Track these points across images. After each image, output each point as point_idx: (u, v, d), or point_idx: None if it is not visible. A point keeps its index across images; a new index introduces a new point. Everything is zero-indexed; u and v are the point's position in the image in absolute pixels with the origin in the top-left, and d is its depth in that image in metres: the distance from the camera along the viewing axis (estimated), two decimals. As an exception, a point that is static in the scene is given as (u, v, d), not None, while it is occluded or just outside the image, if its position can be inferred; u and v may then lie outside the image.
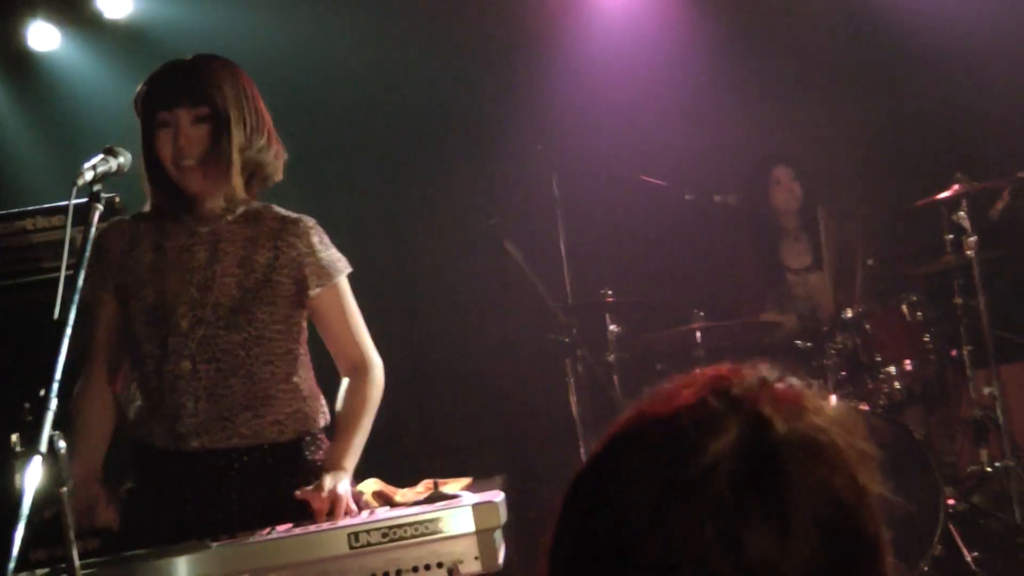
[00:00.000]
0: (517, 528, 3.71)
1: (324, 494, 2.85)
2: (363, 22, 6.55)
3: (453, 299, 6.64)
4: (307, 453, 3.12)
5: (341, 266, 3.18)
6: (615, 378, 5.62)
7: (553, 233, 5.90)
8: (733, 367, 1.10)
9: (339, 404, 3.17)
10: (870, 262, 5.74)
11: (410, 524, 2.59)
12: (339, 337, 3.18)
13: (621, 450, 1.05)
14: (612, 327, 5.64)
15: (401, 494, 3.44)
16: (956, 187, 5.52)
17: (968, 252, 5.50)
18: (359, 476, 3.13)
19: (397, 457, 5.30)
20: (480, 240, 5.90)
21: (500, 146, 6.55)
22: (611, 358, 5.63)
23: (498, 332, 6.49)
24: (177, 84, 3.04)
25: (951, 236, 5.62)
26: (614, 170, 6.23)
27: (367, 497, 3.34)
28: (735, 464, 0.99)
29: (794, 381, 1.10)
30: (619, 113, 6.49)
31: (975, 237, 5.48)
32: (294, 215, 3.16)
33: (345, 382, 3.20)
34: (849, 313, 5.49)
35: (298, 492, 2.90)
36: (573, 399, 5.63)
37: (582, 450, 5.50)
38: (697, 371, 1.10)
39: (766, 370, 1.10)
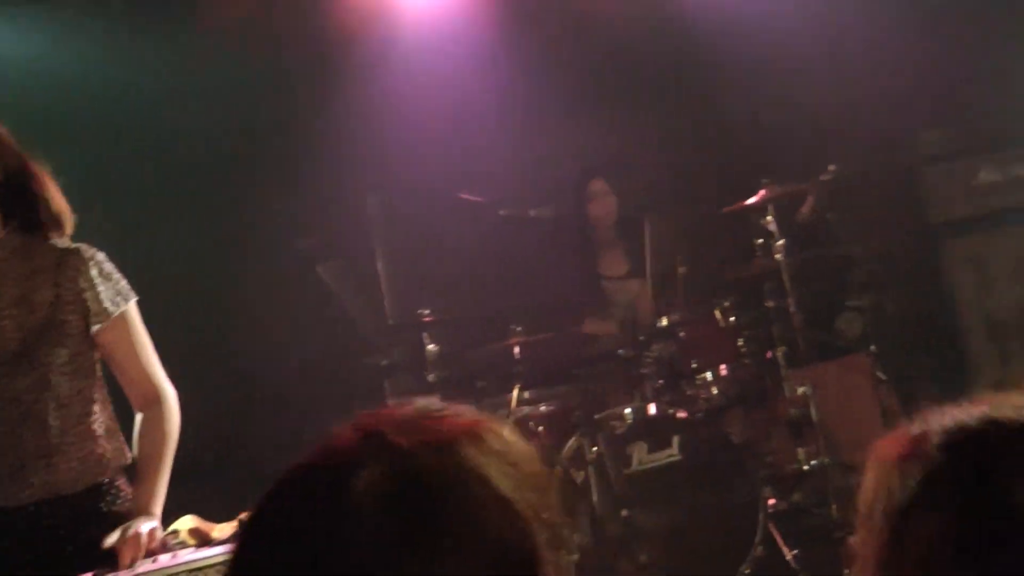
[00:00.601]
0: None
1: (131, 541, 2.80)
2: (170, 45, 6.45)
3: (270, 325, 6.58)
4: (108, 499, 3.04)
5: (125, 296, 3.08)
6: (436, 398, 5.63)
7: (370, 253, 5.92)
8: (392, 405, 1.19)
9: (136, 443, 3.10)
10: (682, 270, 5.88)
11: (221, 563, 2.56)
12: (128, 371, 3.10)
13: (279, 501, 1.11)
14: (431, 346, 5.66)
15: (219, 530, 3.39)
16: (763, 192, 5.71)
17: (777, 256, 5.69)
18: (177, 513, 3.08)
19: (215, 490, 5.22)
20: (294, 263, 5.87)
21: (314, 166, 6.53)
22: (431, 378, 5.66)
23: (317, 357, 6.46)
24: None
25: (760, 240, 5.83)
26: (431, 188, 6.32)
27: (183, 535, 3.29)
28: (377, 500, 1.05)
29: (459, 410, 1.17)
30: (434, 130, 6.55)
31: (783, 241, 5.67)
32: (72, 245, 3.05)
33: (139, 418, 3.13)
34: (664, 321, 5.68)
35: (105, 542, 2.83)
36: None
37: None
38: (359, 413, 1.17)
39: (424, 403, 1.17)
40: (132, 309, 3.10)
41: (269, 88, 6.65)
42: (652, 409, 5.49)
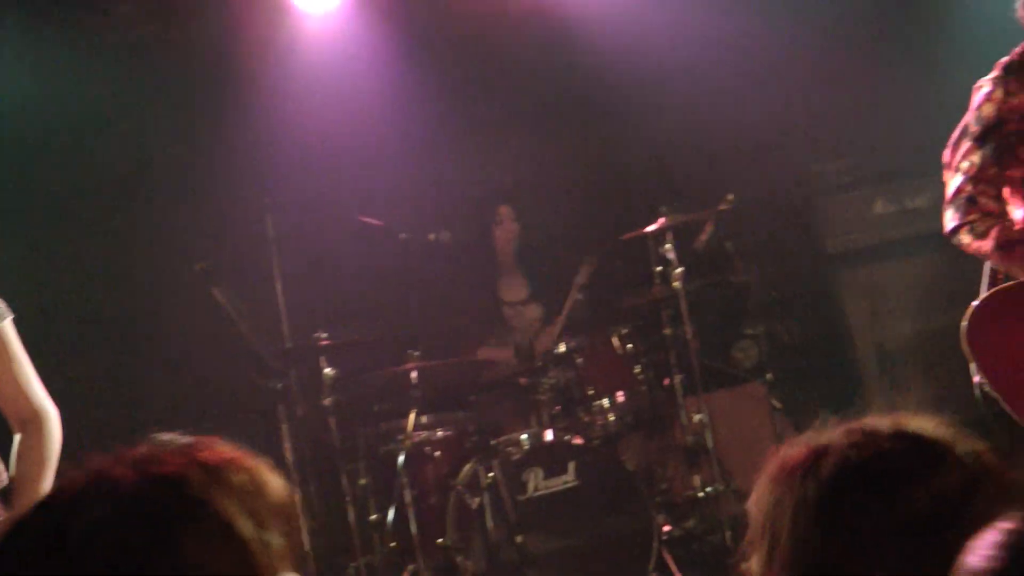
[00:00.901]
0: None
1: None
2: (65, 64, 6.36)
3: (164, 346, 6.53)
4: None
5: (0, 314, 3.05)
6: (331, 422, 5.64)
7: (269, 275, 5.89)
8: (142, 443, 1.24)
9: (13, 465, 3.06)
10: (580, 296, 5.93)
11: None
12: (3, 389, 3.05)
13: (8, 547, 1.16)
14: (327, 370, 5.65)
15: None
16: (662, 220, 5.80)
17: (675, 283, 5.77)
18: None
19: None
20: (189, 284, 5.83)
21: (211, 186, 6.51)
22: (327, 402, 5.64)
23: (211, 380, 6.41)
24: None
25: (659, 268, 5.90)
26: (330, 210, 6.31)
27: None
28: (98, 540, 1.10)
29: (209, 444, 1.26)
30: (335, 152, 6.55)
31: (681, 268, 5.76)
32: None
33: (17, 439, 3.09)
34: (562, 348, 5.74)
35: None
36: (287, 446, 5.64)
37: (297, 497, 5.52)
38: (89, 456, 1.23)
39: (167, 439, 1.26)
40: (8, 327, 3.05)
41: (166, 108, 6.60)
42: (548, 435, 5.55)
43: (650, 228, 5.83)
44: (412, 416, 5.52)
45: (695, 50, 6.47)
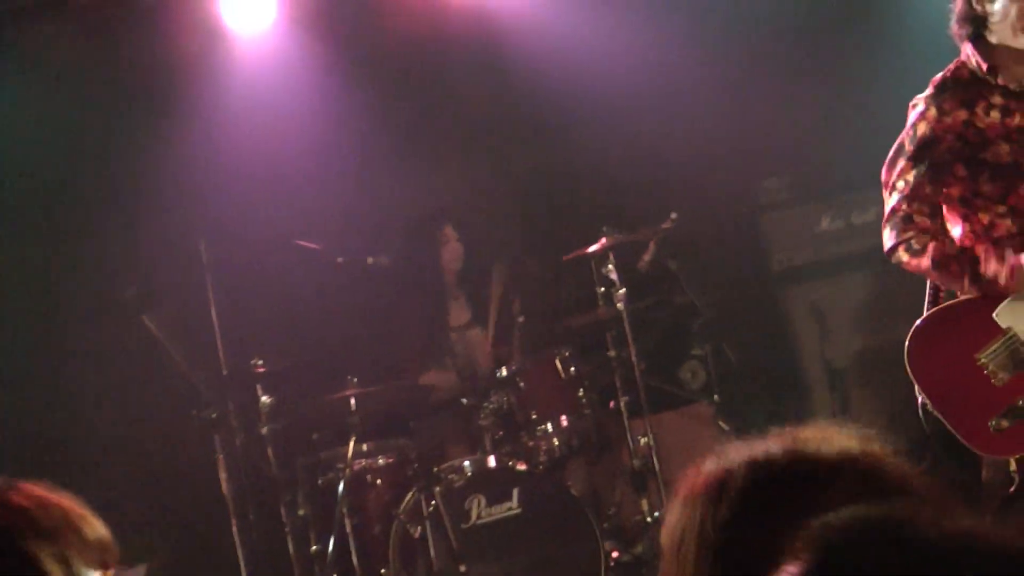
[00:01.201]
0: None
1: None
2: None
3: (97, 376, 6.44)
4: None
5: None
6: (269, 451, 5.58)
7: (203, 301, 5.80)
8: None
9: None
10: (522, 318, 5.96)
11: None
12: None
13: None
14: (264, 398, 5.58)
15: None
16: (604, 240, 5.80)
17: (619, 304, 5.78)
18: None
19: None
20: (121, 312, 5.76)
21: (142, 210, 6.44)
22: (264, 430, 5.58)
23: (144, 410, 6.33)
24: None
25: (602, 289, 5.90)
26: (266, 234, 6.24)
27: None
28: None
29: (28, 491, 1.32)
30: (270, 175, 6.50)
31: (624, 289, 5.77)
32: None
33: None
34: (504, 371, 5.74)
35: None
36: (223, 476, 5.56)
37: (234, 529, 5.46)
38: None
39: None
40: None
41: (96, 130, 6.53)
42: (491, 461, 5.55)
43: (592, 248, 5.83)
44: (352, 444, 5.45)
45: (638, 67, 6.47)
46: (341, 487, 5.38)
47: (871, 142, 4.27)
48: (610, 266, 5.81)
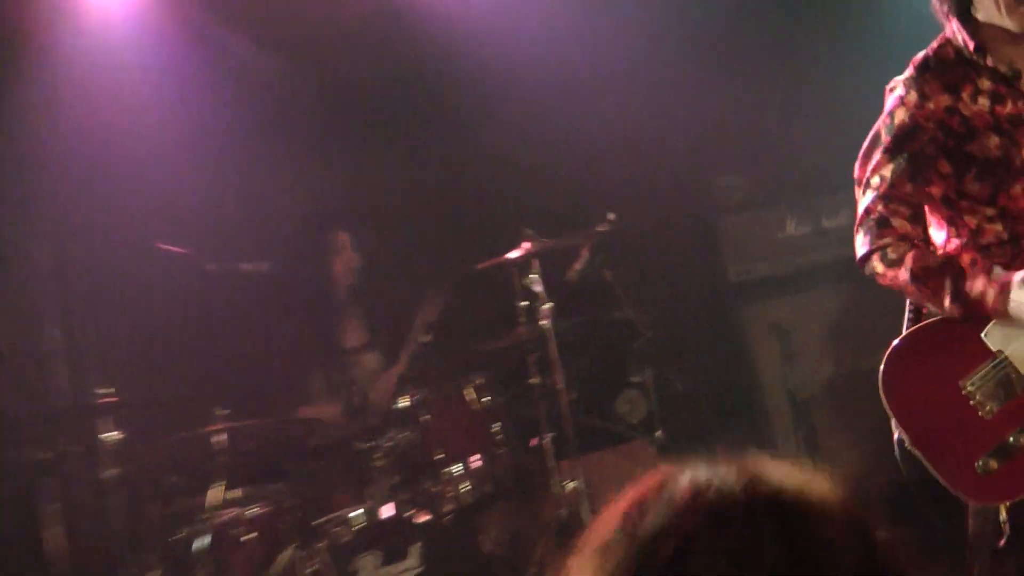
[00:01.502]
0: None
1: None
2: None
3: None
4: None
5: None
6: (112, 501, 5.05)
7: (38, 315, 5.49)
8: None
9: None
10: (427, 339, 5.64)
11: None
12: None
13: None
14: (111, 434, 5.04)
15: None
16: (526, 245, 5.51)
17: (543, 322, 5.56)
18: None
19: None
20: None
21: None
22: (108, 474, 5.04)
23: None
24: None
25: (524, 303, 5.64)
26: (122, 236, 5.82)
27: None
28: None
29: None
30: (130, 171, 6.06)
31: (550, 304, 5.48)
32: None
33: None
34: (404, 403, 5.42)
35: None
36: (56, 531, 5.09)
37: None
38: None
39: None
40: None
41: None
42: (386, 511, 5.20)
43: (512, 255, 5.52)
44: (217, 490, 4.99)
45: (569, 47, 6.31)
46: (202, 543, 4.88)
47: (842, 134, 4.09)
48: (533, 276, 5.52)
